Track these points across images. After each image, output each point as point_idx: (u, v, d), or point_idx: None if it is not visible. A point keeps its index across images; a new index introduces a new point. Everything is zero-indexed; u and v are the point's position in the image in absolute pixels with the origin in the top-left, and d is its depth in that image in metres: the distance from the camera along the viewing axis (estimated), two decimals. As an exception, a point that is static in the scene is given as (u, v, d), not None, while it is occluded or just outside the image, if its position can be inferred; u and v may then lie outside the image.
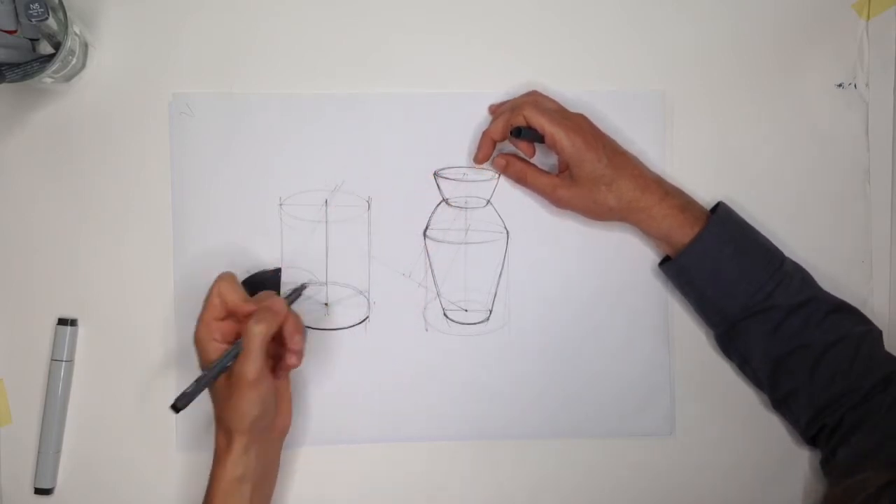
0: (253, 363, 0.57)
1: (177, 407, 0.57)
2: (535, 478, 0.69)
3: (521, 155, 0.67)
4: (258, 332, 0.57)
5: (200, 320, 0.60)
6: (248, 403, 0.58)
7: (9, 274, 0.67)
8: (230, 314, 0.61)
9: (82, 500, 0.67)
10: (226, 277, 0.61)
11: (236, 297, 0.60)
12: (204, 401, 0.65)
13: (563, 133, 0.63)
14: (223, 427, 0.59)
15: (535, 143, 0.66)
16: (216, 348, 0.59)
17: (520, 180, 0.67)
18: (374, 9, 0.69)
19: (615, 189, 0.64)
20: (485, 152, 0.67)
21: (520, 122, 0.64)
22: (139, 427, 0.68)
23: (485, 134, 0.67)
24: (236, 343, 0.59)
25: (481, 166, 0.68)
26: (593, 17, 0.70)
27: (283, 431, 0.64)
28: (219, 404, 0.60)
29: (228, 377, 0.59)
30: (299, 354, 0.61)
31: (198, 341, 0.60)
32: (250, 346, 0.57)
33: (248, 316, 0.59)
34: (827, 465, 0.64)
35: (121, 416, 0.68)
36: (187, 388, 0.58)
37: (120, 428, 0.68)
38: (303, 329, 0.62)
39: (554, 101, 0.67)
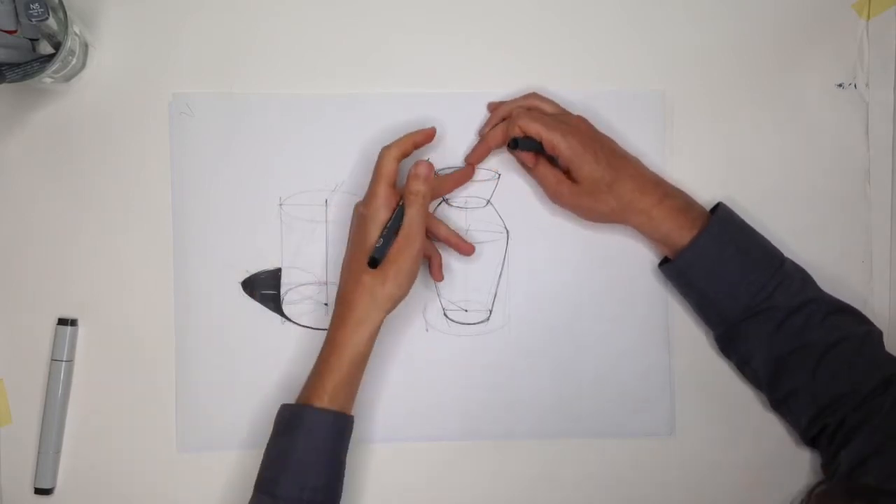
0: (416, 233, 0.61)
1: (375, 260, 0.61)
2: (535, 478, 0.69)
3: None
4: (417, 190, 0.62)
5: (378, 184, 0.62)
6: (408, 273, 0.61)
7: (9, 274, 0.67)
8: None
9: (82, 500, 0.67)
10: (391, 147, 0.63)
11: (406, 143, 0.63)
12: (205, 400, 0.65)
13: (559, 137, 0.63)
14: (370, 295, 0.60)
15: (537, 153, 0.66)
16: (386, 215, 0.62)
17: (530, 164, 0.67)
18: (374, 9, 0.69)
19: (614, 190, 0.64)
20: (478, 156, 0.68)
21: (516, 133, 0.64)
22: (139, 427, 0.68)
23: (483, 140, 0.67)
24: (399, 207, 0.62)
25: (477, 167, 0.68)
26: (593, 17, 0.70)
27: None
28: (374, 274, 0.60)
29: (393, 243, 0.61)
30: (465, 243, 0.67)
31: (371, 208, 0.62)
32: (412, 208, 0.61)
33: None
34: (829, 468, 0.64)
35: (121, 416, 0.68)
36: (377, 244, 0.61)
37: (120, 428, 0.68)
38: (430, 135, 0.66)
39: (553, 104, 0.67)
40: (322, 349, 0.62)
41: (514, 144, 0.65)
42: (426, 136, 0.65)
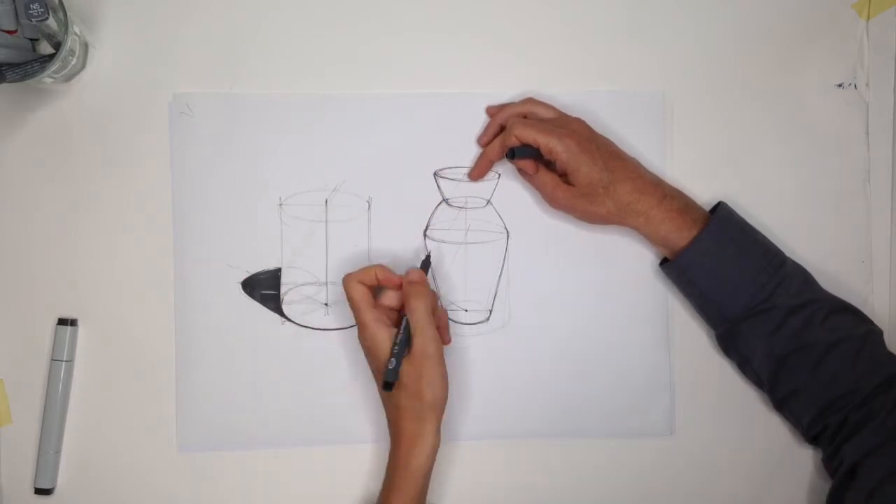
0: (431, 334, 0.60)
1: (390, 384, 0.59)
2: (535, 478, 0.69)
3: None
4: (419, 293, 0.61)
5: (360, 311, 0.61)
6: (441, 376, 0.60)
7: (9, 274, 0.67)
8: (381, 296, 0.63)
9: (82, 500, 0.67)
10: (350, 274, 0.62)
11: (366, 276, 0.62)
12: (205, 400, 0.65)
13: (556, 140, 0.63)
14: (413, 411, 0.60)
15: (536, 160, 0.66)
16: (387, 333, 0.60)
17: (530, 171, 0.67)
18: (374, 9, 0.69)
19: (612, 192, 0.64)
20: (480, 170, 0.68)
21: (512, 142, 0.64)
22: (139, 427, 0.68)
23: (483, 154, 0.67)
24: (404, 317, 0.61)
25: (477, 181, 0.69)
26: (593, 17, 0.70)
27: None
28: (408, 388, 0.59)
29: (409, 360, 0.60)
30: (446, 333, 0.65)
31: (368, 334, 0.61)
32: (419, 316, 0.60)
33: (397, 287, 0.63)
34: (831, 463, 0.64)
35: (121, 416, 0.68)
36: (390, 366, 0.59)
37: (120, 428, 0.68)
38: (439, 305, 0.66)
39: (550, 108, 0.67)
40: (387, 466, 0.62)
41: (512, 154, 0.65)
42: (389, 281, 0.63)
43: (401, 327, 0.61)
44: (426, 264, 0.65)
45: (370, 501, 0.65)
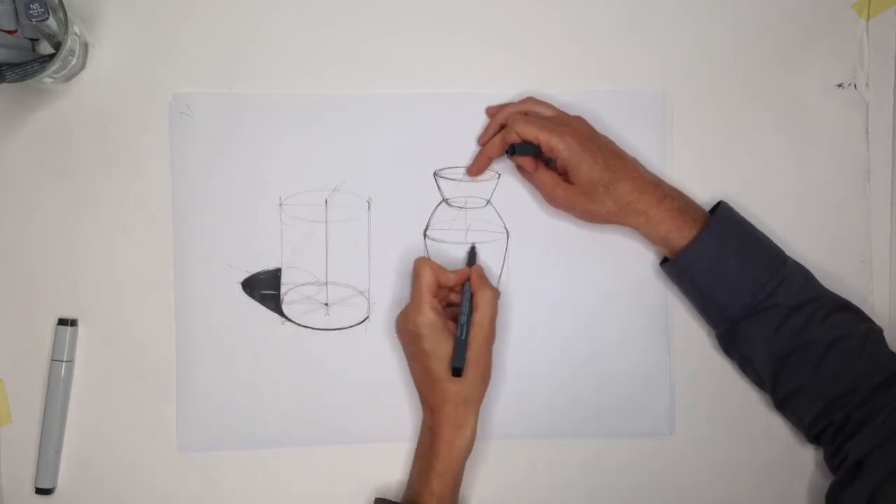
0: (491, 326, 0.63)
1: (460, 370, 0.61)
2: (535, 477, 0.69)
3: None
4: (492, 296, 0.63)
5: (422, 295, 0.63)
6: (491, 365, 0.63)
7: (9, 274, 0.67)
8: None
9: (83, 500, 0.67)
10: (427, 260, 0.65)
11: (440, 273, 0.64)
12: (205, 400, 0.65)
13: (557, 138, 0.63)
14: (464, 397, 0.62)
15: (535, 157, 0.66)
16: (442, 322, 0.63)
17: (530, 168, 0.67)
18: (374, 9, 0.69)
19: (612, 192, 0.64)
20: (479, 167, 0.68)
21: (513, 138, 0.64)
22: (139, 427, 0.68)
23: (482, 150, 0.67)
24: (466, 307, 0.63)
25: (475, 179, 0.69)
26: (593, 17, 0.70)
27: None
28: (466, 376, 0.62)
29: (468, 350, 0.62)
30: None
31: (423, 319, 0.62)
32: (487, 310, 0.62)
33: (450, 289, 0.65)
34: (833, 461, 0.64)
35: (121, 416, 0.68)
36: (456, 353, 0.62)
37: (120, 428, 0.68)
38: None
39: (550, 107, 0.67)
40: (421, 451, 0.64)
41: (512, 151, 0.65)
42: (459, 279, 0.65)
43: (464, 312, 0.63)
44: (473, 256, 0.68)
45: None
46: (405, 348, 0.66)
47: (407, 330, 0.63)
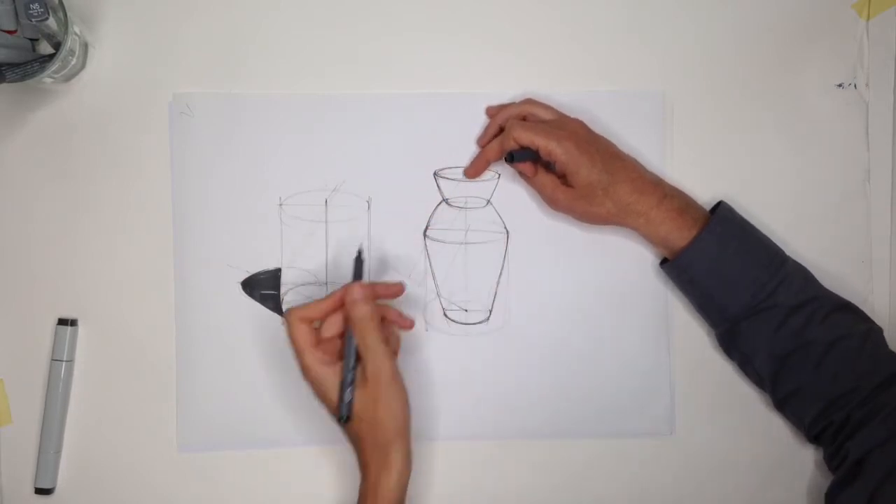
0: (381, 354, 0.56)
1: (348, 417, 0.57)
2: (535, 478, 0.69)
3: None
4: (362, 315, 0.56)
5: (302, 354, 0.58)
6: (398, 398, 0.57)
7: (9, 274, 0.68)
8: (319, 333, 0.59)
9: (83, 500, 0.67)
10: (294, 310, 0.59)
11: (313, 310, 0.58)
12: (205, 400, 0.65)
13: (555, 143, 0.63)
14: (375, 440, 0.57)
15: (535, 162, 0.66)
16: (332, 370, 0.57)
17: (529, 174, 0.67)
18: (374, 9, 0.69)
19: (612, 193, 0.64)
20: (476, 169, 0.68)
21: (511, 145, 0.64)
22: (139, 427, 0.68)
23: (481, 154, 0.67)
24: (347, 340, 0.57)
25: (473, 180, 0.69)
26: (593, 17, 0.70)
27: None
28: (365, 418, 0.57)
29: (363, 387, 0.56)
30: (405, 319, 0.61)
31: (312, 376, 0.58)
32: (365, 337, 0.56)
33: (338, 322, 0.58)
34: (833, 460, 0.64)
35: (121, 416, 0.68)
36: (344, 399, 0.56)
37: (120, 428, 0.68)
38: (397, 290, 0.61)
39: (550, 109, 0.67)
40: (360, 492, 0.58)
41: (511, 158, 0.65)
42: (332, 307, 0.59)
43: (347, 354, 0.57)
44: (359, 265, 0.60)
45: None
46: None
47: (310, 387, 0.59)
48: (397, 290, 0.62)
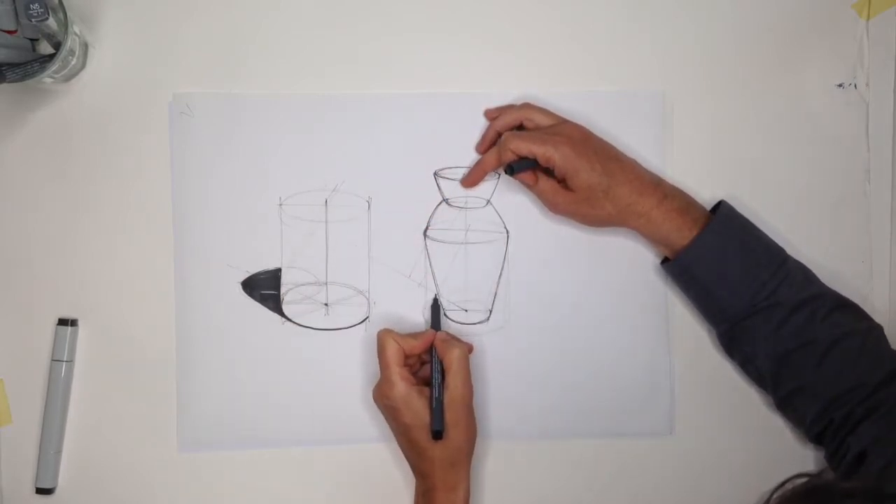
0: (463, 381, 0.62)
1: (440, 433, 0.61)
2: (535, 478, 0.69)
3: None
4: (457, 353, 0.62)
5: (388, 368, 0.62)
6: (474, 421, 0.63)
7: (9, 274, 0.67)
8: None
9: (83, 499, 0.67)
10: (389, 330, 0.64)
11: (405, 342, 0.63)
12: (205, 400, 0.65)
13: (552, 149, 0.63)
14: (451, 461, 0.61)
15: (534, 170, 0.66)
16: (416, 389, 0.62)
17: (530, 182, 0.66)
18: (374, 9, 0.69)
19: (612, 195, 0.64)
20: (474, 179, 0.68)
21: (508, 157, 0.64)
22: (139, 427, 0.68)
23: (477, 165, 0.67)
24: (433, 366, 0.63)
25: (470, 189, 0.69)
26: (593, 17, 0.70)
27: None
28: (443, 440, 0.61)
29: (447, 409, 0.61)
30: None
31: (396, 392, 0.61)
32: (456, 367, 0.62)
33: (418, 354, 0.64)
34: (835, 457, 0.63)
35: (121, 416, 0.68)
36: (434, 417, 0.61)
37: (120, 428, 0.68)
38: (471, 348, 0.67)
39: (547, 114, 0.67)
40: None
41: (511, 170, 0.64)
42: (424, 345, 0.64)
43: (435, 377, 0.62)
44: (436, 312, 0.67)
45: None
46: (387, 421, 0.64)
47: (384, 405, 0.63)
48: (471, 348, 0.67)
